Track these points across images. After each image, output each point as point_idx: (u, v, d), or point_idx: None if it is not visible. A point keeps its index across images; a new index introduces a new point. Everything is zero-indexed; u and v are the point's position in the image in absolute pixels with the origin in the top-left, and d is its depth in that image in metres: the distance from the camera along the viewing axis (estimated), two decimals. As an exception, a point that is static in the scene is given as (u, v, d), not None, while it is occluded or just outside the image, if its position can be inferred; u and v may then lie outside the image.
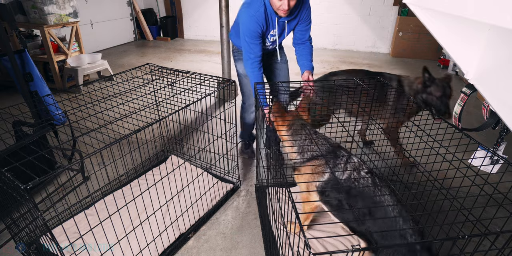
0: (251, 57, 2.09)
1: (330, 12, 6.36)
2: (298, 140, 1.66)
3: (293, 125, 1.72)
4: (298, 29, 2.21)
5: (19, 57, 2.39)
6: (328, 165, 1.52)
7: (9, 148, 1.80)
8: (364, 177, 1.45)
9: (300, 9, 2.09)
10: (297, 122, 1.72)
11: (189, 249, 1.88)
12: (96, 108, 1.75)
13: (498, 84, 1.16)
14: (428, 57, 5.93)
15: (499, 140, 1.56)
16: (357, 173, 1.47)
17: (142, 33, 7.40)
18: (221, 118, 2.08)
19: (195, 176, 2.25)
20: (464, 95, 1.47)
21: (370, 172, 1.48)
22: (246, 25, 2.04)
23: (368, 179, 1.44)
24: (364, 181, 1.44)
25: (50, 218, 1.97)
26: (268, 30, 2.11)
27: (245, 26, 2.04)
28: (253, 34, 2.04)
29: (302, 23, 2.18)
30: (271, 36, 2.17)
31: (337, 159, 1.54)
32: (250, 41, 2.06)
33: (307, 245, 0.81)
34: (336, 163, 1.53)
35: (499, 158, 1.30)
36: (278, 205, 1.43)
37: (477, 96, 3.97)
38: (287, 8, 1.91)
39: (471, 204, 1.35)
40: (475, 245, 1.07)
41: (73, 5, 4.09)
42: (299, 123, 1.72)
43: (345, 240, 1.84)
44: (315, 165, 1.57)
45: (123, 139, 1.39)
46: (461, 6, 1.00)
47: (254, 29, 2.02)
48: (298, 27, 2.20)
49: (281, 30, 2.14)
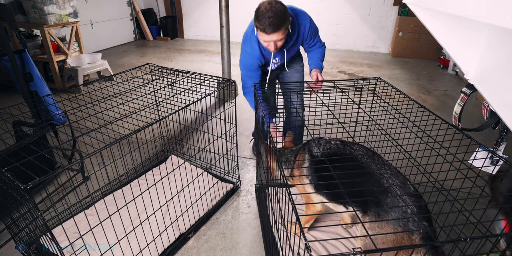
0: (248, 86, 2.14)
1: (330, 12, 6.36)
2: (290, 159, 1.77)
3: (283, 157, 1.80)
4: (306, 44, 2.19)
5: (19, 57, 2.39)
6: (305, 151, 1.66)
7: (9, 148, 1.79)
8: (335, 143, 1.61)
9: (297, 34, 2.05)
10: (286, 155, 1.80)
11: (189, 249, 1.87)
12: (96, 108, 1.75)
13: (498, 84, 1.15)
14: (428, 57, 5.93)
15: (499, 140, 1.56)
16: (328, 144, 1.61)
17: (142, 33, 7.40)
18: (221, 118, 2.08)
19: (195, 176, 2.25)
20: (464, 95, 1.47)
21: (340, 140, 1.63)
22: (242, 61, 2.10)
23: (338, 142, 1.61)
24: (334, 146, 1.60)
25: (50, 218, 1.97)
26: (268, 60, 2.12)
27: (242, 62, 2.11)
28: (250, 68, 2.09)
29: (308, 42, 2.15)
30: (273, 64, 2.18)
31: (311, 142, 1.67)
32: (247, 73, 2.11)
33: (308, 247, 0.80)
34: (310, 145, 1.66)
35: (499, 159, 1.30)
36: (278, 206, 1.43)
37: (477, 96, 3.97)
38: (273, 49, 1.93)
39: (472, 205, 1.35)
40: (476, 247, 1.07)
41: (73, 5, 4.09)
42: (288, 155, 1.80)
43: (346, 241, 1.84)
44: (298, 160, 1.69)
45: (123, 139, 1.39)
46: (461, 6, 1.00)
47: (251, 63, 2.07)
48: (305, 44, 2.19)
49: (282, 55, 2.13)
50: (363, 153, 1.49)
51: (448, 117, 1.60)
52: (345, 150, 1.55)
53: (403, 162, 1.58)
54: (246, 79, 2.14)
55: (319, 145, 1.63)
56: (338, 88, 1.94)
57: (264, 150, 1.83)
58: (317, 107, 1.88)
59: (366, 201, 1.34)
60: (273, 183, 1.68)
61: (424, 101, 4.06)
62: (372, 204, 1.32)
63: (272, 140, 1.45)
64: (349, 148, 1.55)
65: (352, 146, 1.56)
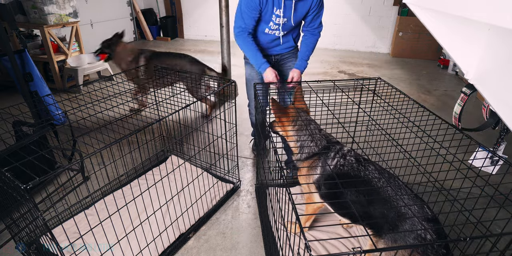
0: (241, 26, 2.05)
1: (330, 12, 6.33)
2: (301, 136, 1.67)
3: (297, 120, 1.70)
4: (308, 17, 2.10)
5: (19, 57, 2.39)
6: (320, 158, 1.58)
7: (9, 148, 1.79)
8: (350, 159, 1.52)
9: None
10: (301, 117, 1.70)
11: (189, 249, 1.87)
12: (96, 108, 1.75)
13: (498, 84, 1.15)
14: (428, 57, 5.93)
15: (499, 140, 1.56)
16: (343, 159, 1.54)
17: (142, 33, 7.39)
18: (221, 118, 2.08)
19: (195, 176, 2.25)
20: (464, 95, 1.47)
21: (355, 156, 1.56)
22: None
23: (353, 160, 1.52)
24: (348, 163, 1.52)
25: (50, 218, 1.97)
26: (270, 8, 1.99)
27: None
28: (250, 4, 1.96)
29: (311, 13, 2.06)
30: (276, 17, 2.03)
31: (329, 153, 1.59)
32: (245, 10, 1.99)
33: (308, 247, 0.80)
34: (327, 156, 1.58)
35: (499, 159, 1.30)
36: (278, 206, 1.43)
37: (477, 96, 3.97)
38: None
39: (471, 205, 1.35)
40: (476, 247, 1.07)
41: (73, 5, 4.09)
42: (303, 118, 1.70)
43: (346, 241, 1.84)
44: (310, 162, 1.61)
45: (123, 139, 1.39)
46: (461, 6, 1.00)
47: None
48: (308, 17, 2.09)
49: (289, 12, 2.00)
50: (379, 176, 1.42)
51: (448, 117, 1.60)
52: (359, 171, 1.47)
53: (403, 162, 1.58)
54: (241, 17, 2.05)
55: (333, 158, 1.56)
56: (338, 88, 1.94)
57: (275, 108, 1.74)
58: (317, 107, 1.87)
59: (380, 225, 1.31)
60: (273, 183, 1.68)
61: (424, 101, 4.06)
62: (387, 228, 1.29)
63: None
64: (364, 169, 1.46)
65: (367, 166, 1.47)
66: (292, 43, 2.25)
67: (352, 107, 1.95)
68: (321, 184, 1.56)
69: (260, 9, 1.99)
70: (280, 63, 2.33)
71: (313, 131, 1.66)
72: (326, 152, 1.59)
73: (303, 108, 1.81)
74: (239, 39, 2.13)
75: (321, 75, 5.07)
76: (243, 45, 2.13)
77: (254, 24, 2.06)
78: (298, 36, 2.28)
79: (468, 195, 1.32)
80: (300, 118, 1.70)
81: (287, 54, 2.29)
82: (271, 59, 2.29)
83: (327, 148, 1.61)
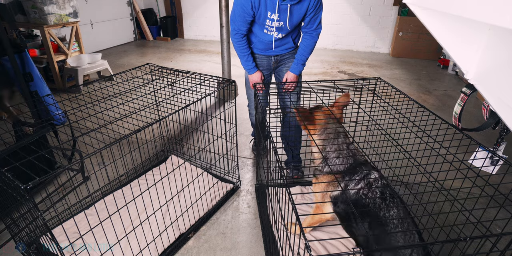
0: (235, 28, 2.11)
1: (330, 12, 6.35)
2: (327, 147, 1.59)
3: (326, 129, 1.62)
4: (306, 18, 2.07)
5: (19, 57, 2.39)
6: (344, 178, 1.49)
7: (9, 148, 1.79)
8: (375, 191, 1.42)
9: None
10: (331, 126, 1.63)
11: (189, 249, 1.87)
12: (96, 108, 1.75)
13: (498, 84, 1.15)
14: (428, 57, 5.93)
15: (499, 140, 1.56)
16: (368, 188, 1.44)
17: (142, 33, 7.40)
18: (221, 118, 2.08)
19: (195, 176, 2.25)
20: (464, 95, 1.47)
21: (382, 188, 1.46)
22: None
23: (377, 193, 1.41)
24: (371, 196, 1.41)
25: (50, 218, 1.97)
26: (263, 12, 1.98)
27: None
28: (242, 7, 1.97)
29: (309, 14, 2.03)
30: (270, 21, 2.01)
31: (354, 175, 1.50)
32: (238, 13, 2.02)
33: (308, 247, 0.81)
34: (351, 178, 1.50)
35: (499, 159, 1.30)
36: (278, 206, 1.43)
37: (477, 96, 3.97)
38: None
39: (471, 205, 1.35)
40: (476, 247, 1.07)
41: (73, 5, 4.09)
42: (333, 127, 1.62)
43: (346, 241, 1.84)
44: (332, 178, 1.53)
45: (123, 139, 1.39)
46: (461, 6, 1.00)
47: (244, 2, 1.95)
48: (306, 18, 2.06)
49: (284, 15, 1.98)
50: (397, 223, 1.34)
51: (448, 117, 1.60)
52: (380, 209, 1.38)
53: (403, 162, 1.58)
54: (232, 21, 2.10)
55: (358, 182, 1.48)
56: (338, 88, 1.94)
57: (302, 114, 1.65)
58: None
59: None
60: (273, 183, 1.68)
61: (424, 101, 4.06)
62: None
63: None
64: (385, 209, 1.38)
65: (389, 208, 1.38)
66: (292, 44, 2.25)
67: (352, 107, 1.95)
68: (338, 202, 1.50)
69: (253, 14, 2.01)
70: (280, 63, 2.33)
71: (341, 146, 1.58)
72: (351, 173, 1.51)
73: (336, 115, 1.70)
74: (233, 41, 2.20)
75: (321, 75, 5.08)
76: (236, 47, 2.21)
77: (247, 27, 2.10)
78: (298, 37, 2.28)
79: (468, 195, 1.32)
80: (329, 128, 1.62)
81: (287, 54, 2.29)
82: (271, 60, 2.29)
83: (353, 168, 1.53)
